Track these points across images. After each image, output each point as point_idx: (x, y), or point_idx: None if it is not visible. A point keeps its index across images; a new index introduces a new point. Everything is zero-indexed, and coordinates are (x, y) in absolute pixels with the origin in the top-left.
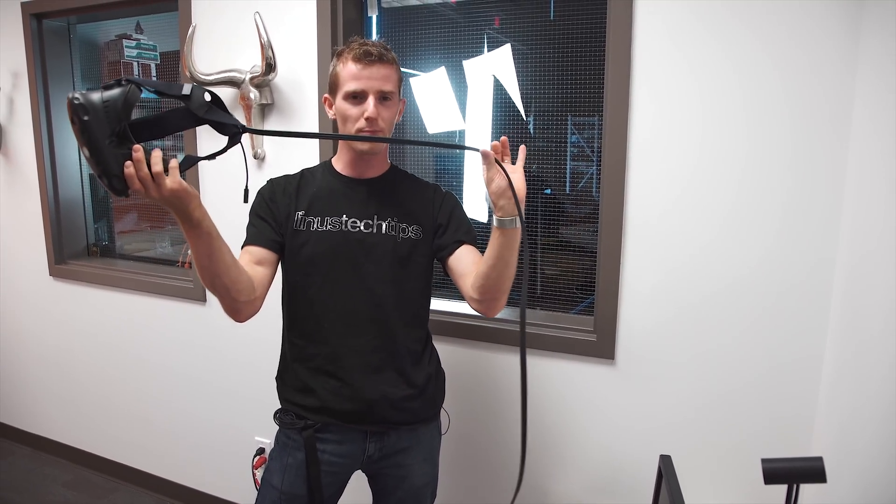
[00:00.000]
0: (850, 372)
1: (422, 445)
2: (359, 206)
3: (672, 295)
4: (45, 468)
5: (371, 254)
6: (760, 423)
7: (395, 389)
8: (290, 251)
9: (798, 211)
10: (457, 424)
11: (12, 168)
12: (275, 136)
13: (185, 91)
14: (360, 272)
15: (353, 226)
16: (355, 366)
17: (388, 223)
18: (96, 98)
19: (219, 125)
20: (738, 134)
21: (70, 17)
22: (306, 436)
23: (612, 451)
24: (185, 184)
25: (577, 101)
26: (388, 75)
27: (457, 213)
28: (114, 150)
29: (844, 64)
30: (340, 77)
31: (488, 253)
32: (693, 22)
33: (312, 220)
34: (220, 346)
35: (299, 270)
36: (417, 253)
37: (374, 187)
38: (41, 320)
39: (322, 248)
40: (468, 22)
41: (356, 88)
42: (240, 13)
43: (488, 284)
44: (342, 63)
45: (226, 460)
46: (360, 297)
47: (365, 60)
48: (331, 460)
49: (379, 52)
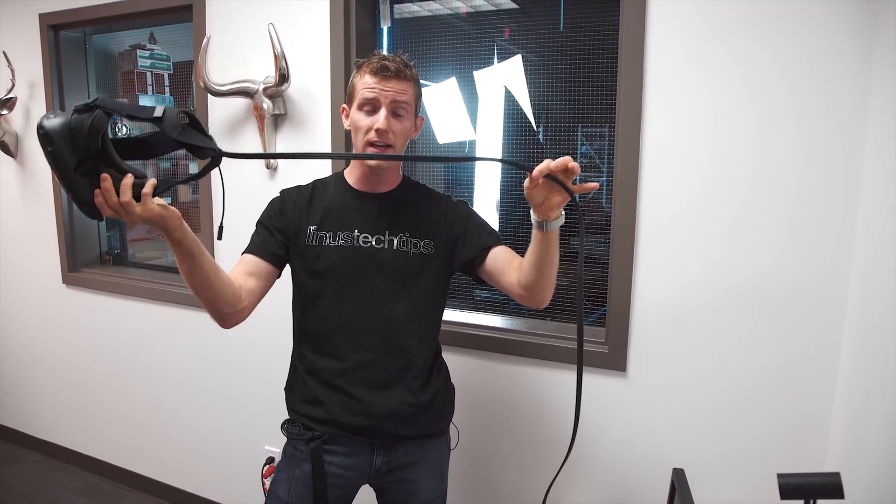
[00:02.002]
0: (866, 382)
1: (430, 460)
2: (371, 221)
3: (684, 305)
4: (55, 474)
5: (382, 270)
6: (775, 436)
7: (403, 405)
8: (302, 265)
9: (809, 219)
10: (467, 437)
11: (28, 176)
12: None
13: (156, 113)
14: (371, 288)
15: (364, 241)
16: (364, 381)
17: (400, 238)
18: (62, 125)
19: (194, 148)
20: (748, 144)
21: (86, 28)
22: (313, 447)
23: (625, 464)
24: (156, 210)
25: (586, 111)
26: (403, 90)
27: (473, 220)
28: (82, 178)
29: (856, 74)
30: (356, 88)
31: (532, 257)
32: (705, 33)
33: (325, 234)
34: (231, 354)
35: (311, 284)
36: (429, 268)
37: (386, 202)
38: (54, 327)
39: (334, 264)
40: (479, 33)
41: (368, 97)
42: (253, 24)
43: (535, 281)
44: (360, 75)
45: (235, 469)
46: (370, 312)
47: (381, 74)
48: (338, 472)
49: (397, 67)
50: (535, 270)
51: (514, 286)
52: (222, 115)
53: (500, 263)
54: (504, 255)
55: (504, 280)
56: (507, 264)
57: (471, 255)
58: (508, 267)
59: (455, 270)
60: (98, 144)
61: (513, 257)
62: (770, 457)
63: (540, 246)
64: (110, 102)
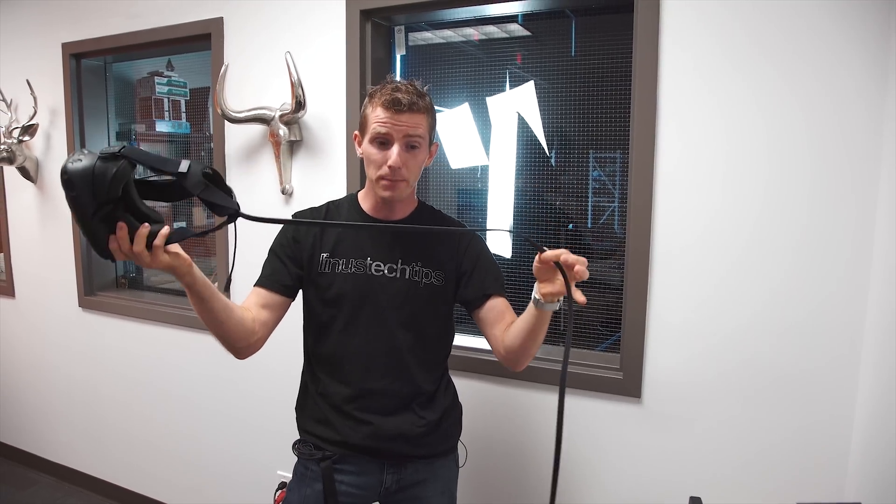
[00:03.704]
0: (887, 408)
1: (439, 478)
2: (383, 249)
3: (700, 330)
4: (68, 498)
5: (393, 299)
6: (794, 463)
7: (413, 426)
8: (314, 292)
9: (825, 242)
10: (477, 459)
11: (47, 201)
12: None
13: (181, 168)
14: (381, 316)
15: (377, 269)
16: (373, 408)
17: (412, 268)
18: (85, 171)
19: (214, 206)
20: (761, 169)
21: (107, 56)
22: (324, 467)
23: (640, 492)
24: (166, 260)
25: (598, 136)
26: (416, 123)
27: (483, 260)
28: (100, 224)
29: (870, 98)
30: (368, 120)
31: (521, 325)
32: (718, 59)
33: (337, 262)
34: (244, 378)
35: (323, 312)
36: (439, 299)
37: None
38: (69, 350)
39: (346, 291)
40: (491, 59)
41: (380, 133)
42: (270, 52)
43: (518, 350)
44: (372, 106)
45: (247, 493)
46: (380, 340)
47: (394, 108)
48: (349, 491)
49: (410, 100)
50: (520, 339)
51: (498, 344)
52: (238, 141)
53: (493, 315)
54: (500, 307)
55: (492, 333)
56: (499, 319)
57: (471, 297)
58: (500, 323)
59: (456, 302)
60: (118, 193)
61: (506, 312)
62: (790, 484)
63: (531, 319)
64: (136, 152)
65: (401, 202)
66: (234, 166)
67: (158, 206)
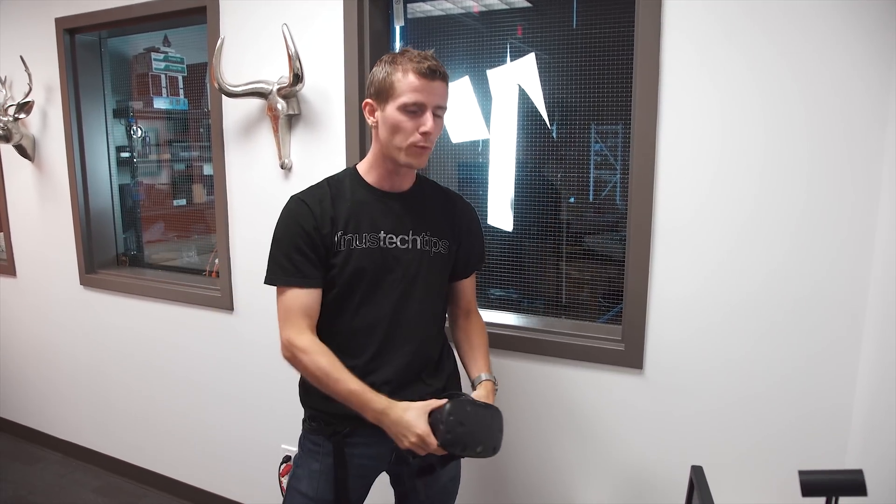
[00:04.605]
0: (887, 379)
1: None
2: (394, 221)
3: (701, 301)
4: (76, 474)
5: (407, 270)
6: (795, 432)
7: (421, 397)
8: (332, 270)
9: (825, 217)
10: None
11: (45, 179)
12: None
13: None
14: (395, 289)
15: (389, 242)
16: (384, 381)
17: (422, 238)
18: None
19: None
20: (760, 143)
21: (101, 31)
22: (336, 441)
23: (642, 462)
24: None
25: (600, 109)
26: (445, 91)
27: (473, 234)
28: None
29: (875, 76)
30: (397, 87)
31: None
32: (720, 32)
33: (352, 237)
34: (247, 353)
35: (341, 288)
36: (444, 267)
37: (407, 201)
38: (72, 328)
39: (362, 266)
40: (491, 31)
41: (417, 101)
42: (267, 25)
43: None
44: (401, 72)
45: (253, 467)
46: (394, 313)
47: (429, 77)
48: (360, 463)
49: (440, 68)
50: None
51: (452, 315)
52: (236, 115)
53: (462, 295)
54: (469, 287)
55: (452, 307)
56: (465, 295)
57: (459, 268)
58: (459, 303)
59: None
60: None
61: (469, 295)
62: (790, 454)
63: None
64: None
65: (411, 171)
66: (232, 142)
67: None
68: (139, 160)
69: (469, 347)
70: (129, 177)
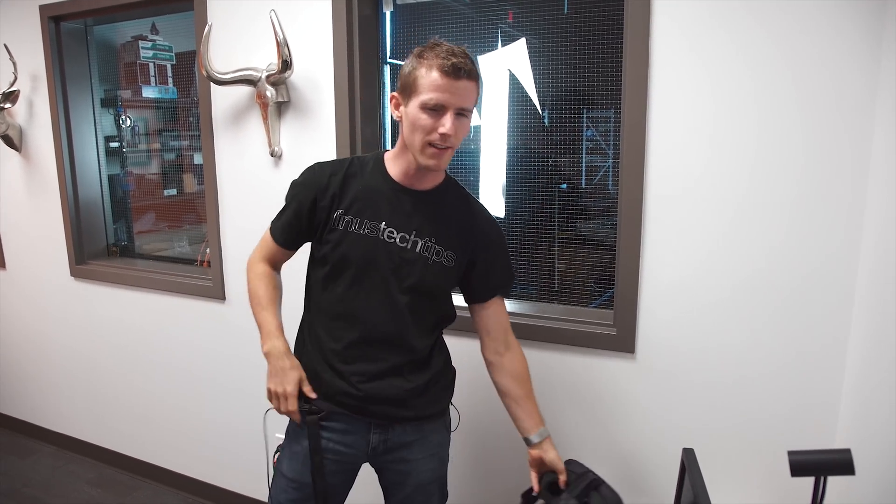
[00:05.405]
0: (876, 361)
1: (427, 441)
2: (400, 216)
3: (693, 286)
4: (70, 466)
5: (400, 269)
6: (784, 415)
7: (399, 390)
8: (323, 246)
9: (816, 203)
10: (471, 419)
11: (32, 169)
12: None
13: None
14: (385, 284)
15: (389, 236)
16: (362, 371)
17: (425, 243)
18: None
19: None
20: (752, 128)
21: (87, 18)
22: (310, 421)
23: (634, 445)
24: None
25: (591, 94)
26: (471, 91)
27: (493, 255)
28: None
29: (865, 58)
30: (420, 83)
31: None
32: (709, 15)
33: (351, 220)
34: (240, 343)
35: (329, 268)
36: (445, 278)
37: (422, 201)
38: (63, 320)
39: (355, 252)
40: (482, 17)
41: (437, 101)
42: (255, 11)
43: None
44: (425, 68)
45: (247, 457)
46: (380, 307)
47: (454, 76)
48: (336, 449)
49: (468, 67)
50: (503, 398)
51: (485, 350)
52: (226, 103)
53: (490, 324)
54: (499, 313)
55: (483, 338)
56: (494, 329)
57: (476, 290)
58: (492, 331)
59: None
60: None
61: (501, 318)
62: (780, 436)
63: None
64: None
65: (434, 172)
66: (222, 130)
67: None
68: (128, 150)
69: (515, 399)
70: (119, 167)
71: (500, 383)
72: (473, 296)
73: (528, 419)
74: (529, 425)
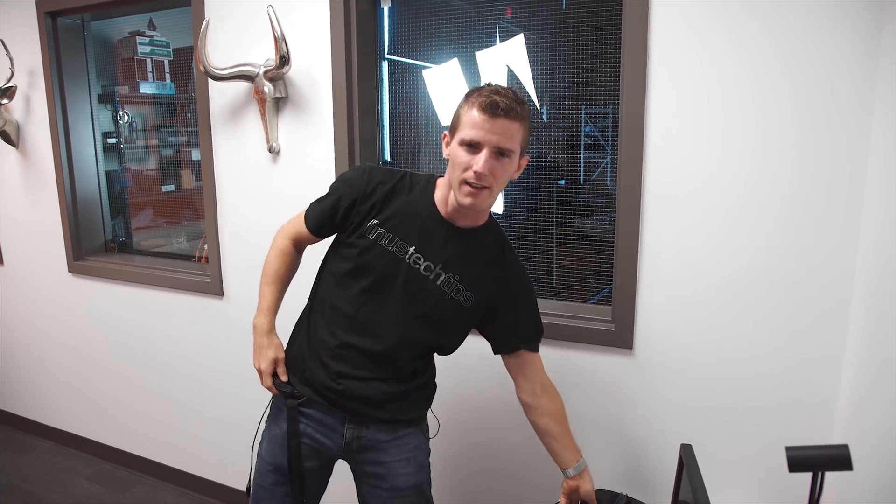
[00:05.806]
0: (874, 357)
1: (402, 445)
2: (431, 246)
3: (691, 282)
4: (68, 462)
5: (415, 296)
6: (782, 411)
7: (376, 392)
8: (349, 248)
9: (814, 199)
10: (467, 415)
11: (30, 165)
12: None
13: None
14: (396, 304)
15: (415, 261)
16: (346, 373)
17: (448, 278)
18: None
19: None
20: (750, 123)
21: (84, 14)
22: (290, 405)
23: (632, 441)
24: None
25: (590, 90)
26: (511, 131)
27: (519, 308)
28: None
29: (863, 52)
30: (461, 121)
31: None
32: (708, 12)
33: (383, 233)
34: (237, 339)
35: (347, 270)
36: (457, 316)
37: (457, 236)
38: (61, 316)
39: (377, 264)
40: (480, 13)
41: (472, 138)
42: (252, 7)
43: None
44: (468, 106)
45: (245, 452)
46: (384, 323)
47: (490, 112)
48: (312, 435)
49: (508, 104)
50: (542, 436)
51: (520, 392)
52: (223, 99)
53: (524, 369)
54: (531, 363)
55: (515, 380)
56: (530, 373)
57: (501, 340)
58: (526, 378)
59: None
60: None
61: (534, 372)
62: (779, 432)
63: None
64: None
65: (474, 213)
66: (219, 126)
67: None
68: (126, 146)
69: (554, 436)
70: (117, 163)
71: (539, 424)
72: (497, 346)
73: (567, 453)
74: (568, 458)
